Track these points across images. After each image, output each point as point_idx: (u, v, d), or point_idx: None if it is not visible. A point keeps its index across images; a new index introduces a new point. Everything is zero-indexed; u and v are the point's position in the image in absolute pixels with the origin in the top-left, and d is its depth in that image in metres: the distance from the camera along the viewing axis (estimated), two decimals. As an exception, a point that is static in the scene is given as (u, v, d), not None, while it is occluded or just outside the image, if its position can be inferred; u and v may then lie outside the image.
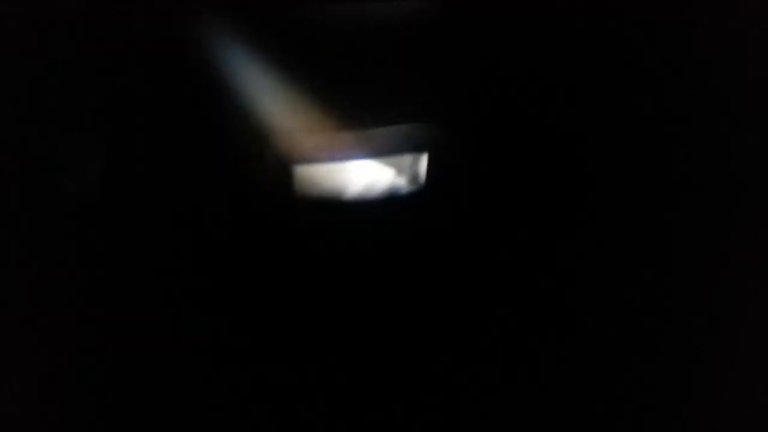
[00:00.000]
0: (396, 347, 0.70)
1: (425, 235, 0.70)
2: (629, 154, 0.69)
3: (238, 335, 0.67)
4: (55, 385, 0.65)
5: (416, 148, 0.69)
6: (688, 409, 0.70)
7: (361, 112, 0.67)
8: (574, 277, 0.71)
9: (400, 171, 0.69)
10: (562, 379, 0.71)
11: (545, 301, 0.71)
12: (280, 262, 0.68)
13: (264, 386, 0.68)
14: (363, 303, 0.69)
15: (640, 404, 0.70)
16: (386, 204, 0.69)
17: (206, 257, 0.67)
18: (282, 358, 0.68)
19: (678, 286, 0.70)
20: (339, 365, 0.69)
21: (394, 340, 0.70)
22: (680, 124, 0.69)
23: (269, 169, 0.67)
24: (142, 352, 0.65)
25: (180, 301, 0.67)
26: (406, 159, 0.69)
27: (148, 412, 0.66)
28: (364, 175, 0.68)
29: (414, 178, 0.69)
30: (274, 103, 0.65)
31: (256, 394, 0.68)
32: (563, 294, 0.71)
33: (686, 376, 0.70)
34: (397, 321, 0.70)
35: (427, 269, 0.70)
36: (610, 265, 0.71)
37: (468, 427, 0.71)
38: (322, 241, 0.69)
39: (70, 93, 0.63)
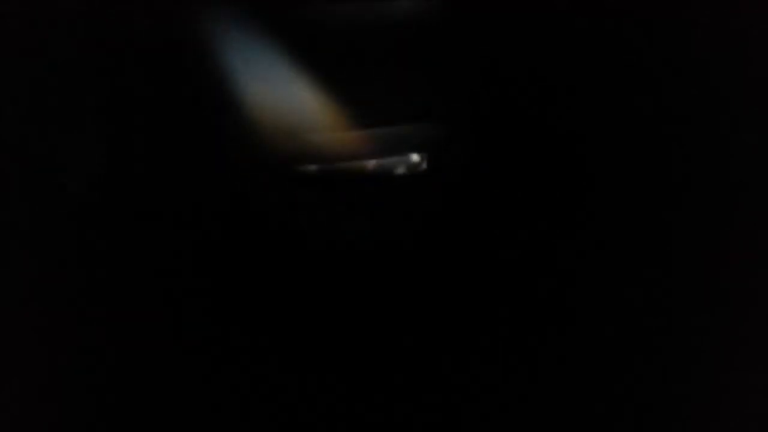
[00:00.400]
0: (395, 348, 0.70)
1: (425, 235, 0.70)
2: (629, 154, 0.69)
3: (238, 335, 0.67)
4: (55, 385, 0.65)
5: (416, 148, 0.69)
6: (688, 409, 0.70)
7: (362, 112, 0.67)
8: (574, 277, 0.71)
9: (400, 171, 0.69)
10: (562, 379, 0.71)
11: (545, 300, 0.71)
12: (281, 261, 0.68)
13: (264, 386, 0.68)
14: (363, 303, 0.69)
15: (640, 404, 0.70)
16: (386, 204, 0.69)
17: (206, 257, 0.67)
18: (282, 358, 0.68)
19: (678, 286, 0.70)
20: (339, 365, 0.69)
21: (393, 342, 0.70)
22: (680, 124, 0.69)
23: (269, 169, 0.67)
24: (142, 352, 0.65)
25: (180, 301, 0.67)
26: (406, 159, 0.69)
27: (148, 412, 0.66)
28: (364, 175, 0.68)
29: (414, 178, 0.69)
30: (274, 103, 0.65)
31: (256, 394, 0.68)
32: (563, 294, 0.71)
33: (686, 376, 0.70)
34: (396, 321, 0.70)
35: (428, 269, 0.70)
36: (610, 265, 0.71)
37: (468, 427, 0.71)
38: (322, 241, 0.69)
39: (70, 93, 0.63)
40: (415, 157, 0.69)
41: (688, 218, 0.70)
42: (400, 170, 0.69)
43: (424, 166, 0.69)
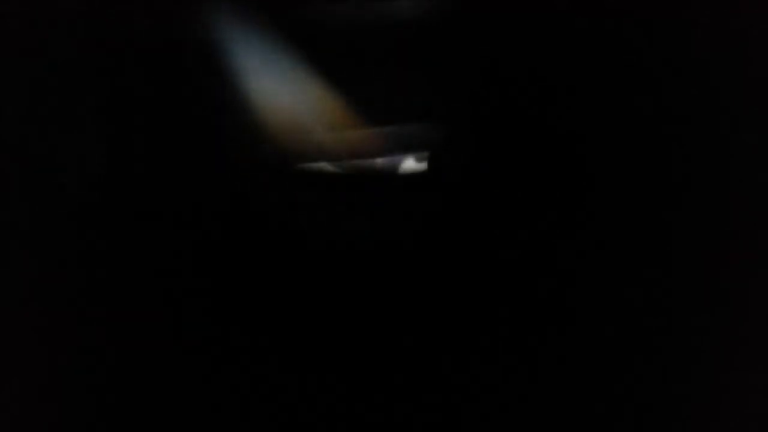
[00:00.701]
0: (395, 349, 0.70)
1: (425, 235, 0.70)
2: (629, 154, 0.69)
3: (239, 335, 0.67)
4: (55, 385, 0.65)
5: (416, 148, 0.69)
6: (688, 409, 0.70)
7: (361, 111, 0.67)
8: (574, 277, 0.71)
9: (400, 171, 0.69)
10: (562, 379, 0.71)
11: (545, 300, 0.71)
12: (281, 262, 0.68)
13: (264, 386, 0.68)
14: (362, 303, 0.69)
15: (640, 404, 0.70)
16: (386, 204, 0.69)
17: (206, 257, 0.67)
18: (283, 358, 0.68)
19: (678, 286, 0.70)
20: (339, 366, 0.69)
21: (393, 342, 0.70)
22: (680, 124, 0.69)
23: (269, 169, 0.67)
24: (142, 352, 0.65)
25: (180, 301, 0.67)
26: (406, 159, 0.69)
27: (148, 412, 0.66)
28: (364, 175, 0.68)
29: (414, 178, 0.69)
30: (274, 103, 0.65)
31: (256, 394, 0.68)
32: (563, 294, 0.71)
33: (686, 376, 0.70)
34: (395, 322, 0.70)
35: (428, 269, 0.70)
36: (610, 265, 0.71)
37: (468, 427, 0.71)
38: (322, 241, 0.69)
39: (70, 93, 0.63)
40: (415, 157, 0.69)
41: (688, 218, 0.70)
42: (400, 170, 0.69)
43: (425, 166, 0.69)
